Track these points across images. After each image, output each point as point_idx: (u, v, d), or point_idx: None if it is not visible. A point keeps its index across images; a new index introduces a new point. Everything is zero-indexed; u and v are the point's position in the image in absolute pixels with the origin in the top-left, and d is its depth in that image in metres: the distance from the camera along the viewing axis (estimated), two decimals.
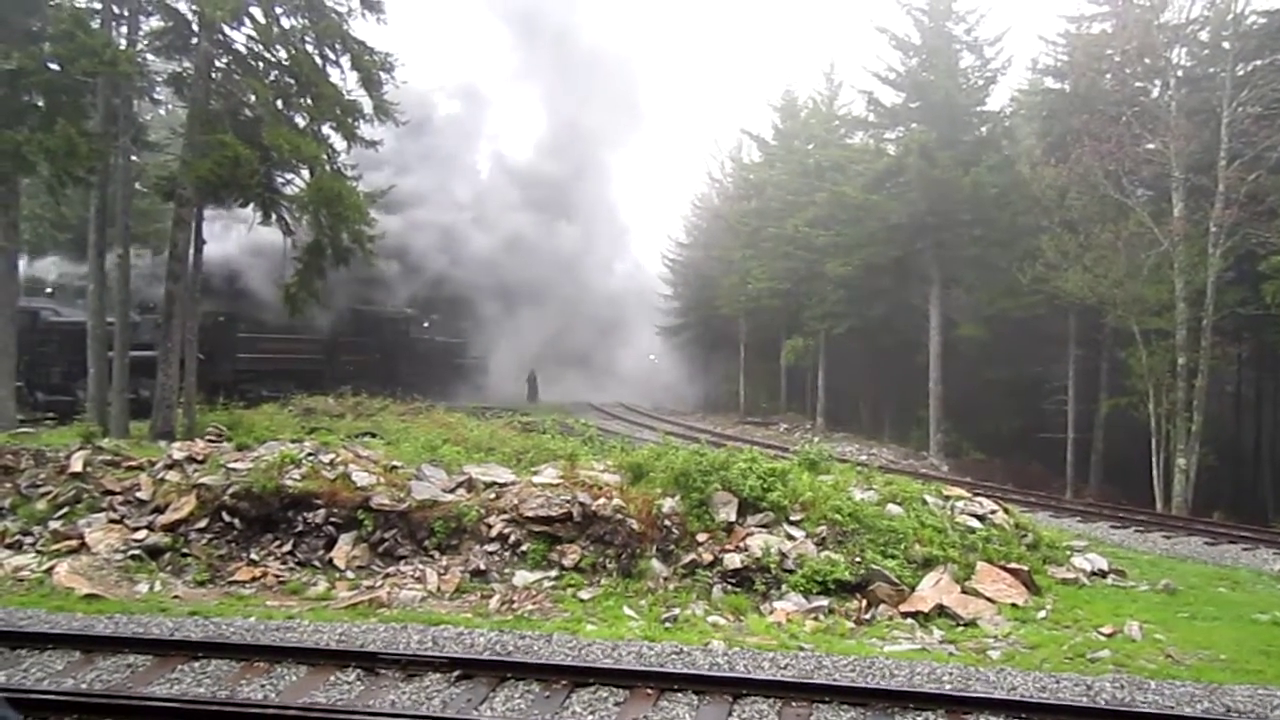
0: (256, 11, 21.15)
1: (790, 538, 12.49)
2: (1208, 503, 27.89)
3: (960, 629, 10.83)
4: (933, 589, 11.61)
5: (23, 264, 26.92)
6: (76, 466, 14.12)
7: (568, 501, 12.61)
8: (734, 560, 11.97)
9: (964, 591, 11.75)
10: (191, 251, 22.21)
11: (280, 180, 23.46)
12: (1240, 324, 30.35)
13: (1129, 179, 29.13)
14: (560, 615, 10.71)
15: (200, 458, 14.34)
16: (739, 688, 8.04)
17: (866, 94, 38.91)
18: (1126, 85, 30.77)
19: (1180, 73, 29.72)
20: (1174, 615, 11.68)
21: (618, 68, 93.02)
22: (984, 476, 29.82)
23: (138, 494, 13.63)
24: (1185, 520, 22.10)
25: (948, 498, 14.97)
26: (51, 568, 11.84)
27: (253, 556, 12.49)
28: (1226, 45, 27.88)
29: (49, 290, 32.35)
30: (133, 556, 12.30)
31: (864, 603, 11.52)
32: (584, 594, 11.46)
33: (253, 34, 21.57)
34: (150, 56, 22.81)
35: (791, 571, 11.78)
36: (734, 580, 11.83)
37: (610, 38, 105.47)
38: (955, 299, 38.14)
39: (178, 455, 14.43)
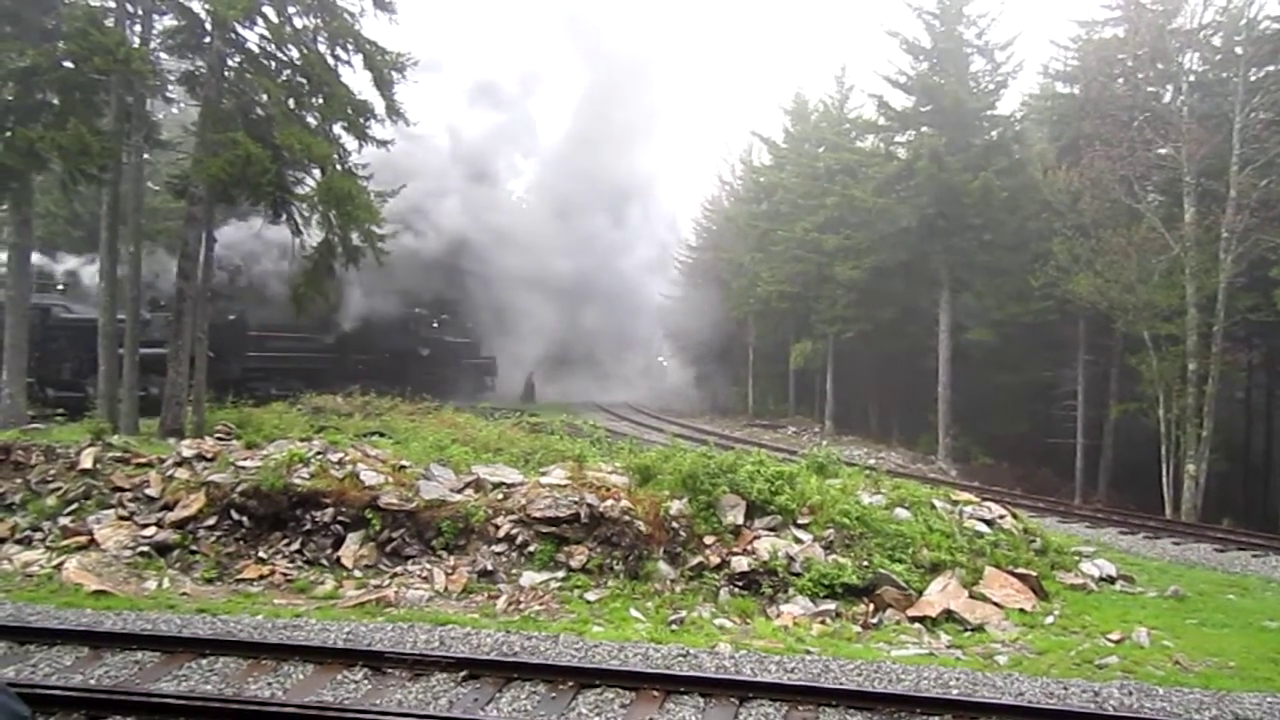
0: (269, 11, 21.21)
1: (798, 541, 12.47)
2: (1217, 509, 27.80)
3: (968, 634, 10.80)
4: (940, 594, 11.59)
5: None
6: (86, 463, 14.17)
7: (575, 503, 12.61)
8: (741, 563, 11.96)
9: (971, 596, 11.73)
10: (202, 250, 22.28)
11: (291, 179, 23.52)
12: (1251, 330, 30.28)
13: (1140, 184, 29.06)
14: (567, 616, 10.71)
15: (209, 455, 14.38)
16: (745, 691, 8.04)
17: (877, 97, 38.82)
18: (1138, 90, 30.70)
19: (1192, 78, 29.65)
20: (1183, 622, 11.64)
21: (639, 70, 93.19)
22: (992, 481, 29.77)
23: (147, 491, 13.67)
24: (1194, 527, 22.02)
25: (956, 502, 14.94)
26: (61, 564, 11.89)
27: (261, 554, 12.53)
28: (1239, 50, 27.81)
29: (60, 287, 32.51)
30: (141, 553, 12.35)
31: (871, 607, 11.50)
32: (591, 595, 11.46)
33: (265, 33, 21.63)
34: (163, 55, 22.92)
35: (799, 575, 11.77)
36: (741, 583, 11.82)
37: (628, 40, 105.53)
38: (965, 303, 38.05)
39: (187, 453, 14.48)
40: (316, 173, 22.32)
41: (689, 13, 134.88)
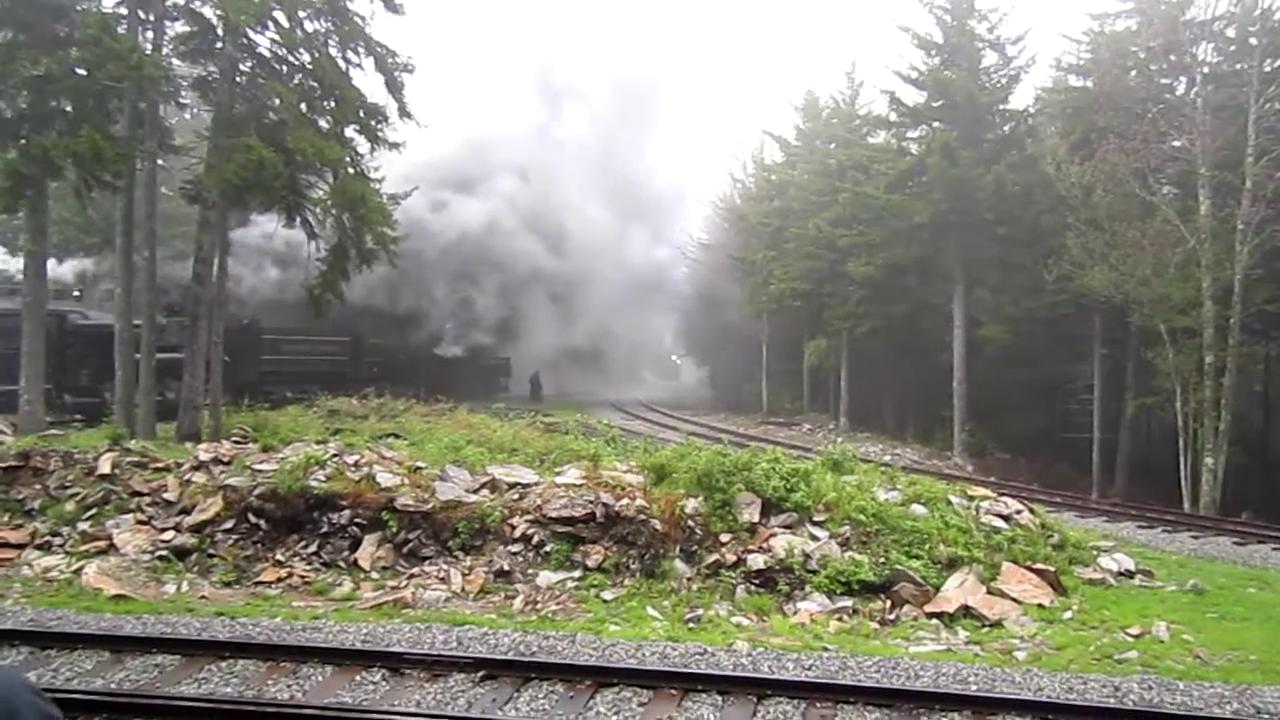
0: (280, 16, 21.30)
1: (814, 538, 12.44)
2: (1236, 502, 27.57)
3: (986, 630, 10.77)
4: (958, 589, 11.55)
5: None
6: (104, 468, 14.24)
7: (591, 502, 12.62)
8: (757, 561, 11.94)
9: (989, 592, 11.68)
10: (216, 254, 22.38)
11: (304, 183, 23.63)
12: (1268, 322, 30.07)
13: (1155, 176, 28.88)
14: (584, 616, 10.71)
15: (226, 459, 14.44)
16: (763, 688, 8.03)
17: (888, 93, 38.69)
18: (1152, 82, 30.53)
19: (1206, 69, 29.45)
20: (1202, 616, 11.57)
21: (644, 64, 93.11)
22: (1009, 476, 29.64)
23: (165, 495, 13.74)
24: (1213, 520, 21.87)
25: (972, 498, 14.88)
26: (80, 568, 11.95)
27: (278, 557, 12.57)
28: (1253, 41, 27.62)
29: (76, 293, 32.69)
30: (160, 557, 12.40)
31: (888, 603, 11.47)
32: (607, 594, 11.46)
33: (276, 38, 21.74)
34: (176, 61, 23.04)
35: (815, 572, 11.73)
36: (758, 581, 11.80)
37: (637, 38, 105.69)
38: (979, 298, 37.89)
39: (204, 456, 14.55)
40: (329, 176, 22.42)
41: (700, 10, 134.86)
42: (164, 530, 13.01)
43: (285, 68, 22.20)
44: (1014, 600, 11.58)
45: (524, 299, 53.74)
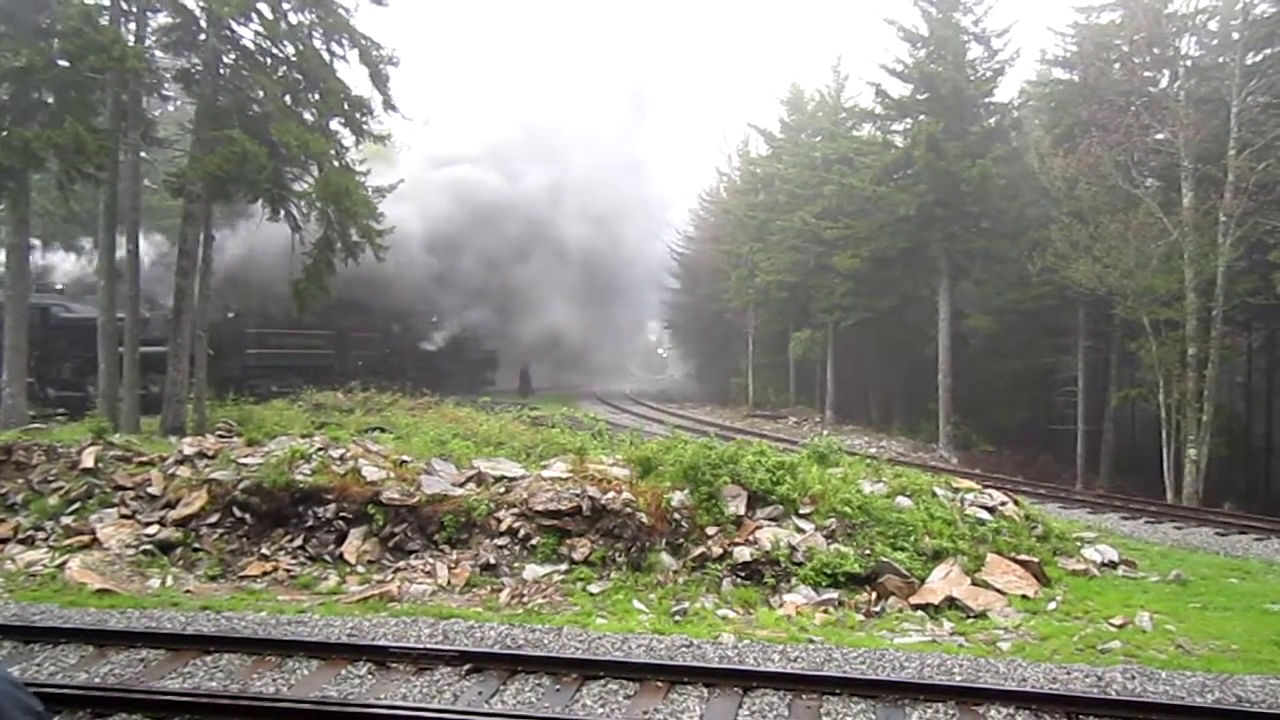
0: (264, 7, 21.19)
1: (800, 530, 12.48)
2: (1218, 493, 27.80)
3: (970, 621, 10.82)
4: (943, 581, 11.60)
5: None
6: (88, 462, 14.17)
7: (577, 495, 12.62)
8: (743, 553, 11.97)
9: (974, 583, 11.74)
10: (200, 247, 22.26)
11: (289, 175, 23.50)
12: (1251, 314, 30.25)
13: (1138, 169, 29.00)
14: (570, 609, 10.72)
15: (211, 453, 14.40)
16: (749, 680, 8.04)
17: (874, 86, 38.77)
18: (1135, 75, 30.64)
19: (1189, 62, 29.58)
20: (1185, 606, 11.65)
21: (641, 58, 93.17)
22: (993, 468, 29.76)
23: (149, 489, 13.68)
24: (1196, 511, 22.02)
25: (957, 490, 14.95)
26: (64, 563, 11.90)
27: (264, 551, 12.54)
28: (1235, 34, 27.74)
29: (59, 286, 32.47)
30: (144, 551, 12.36)
31: (874, 595, 11.51)
32: (594, 588, 11.47)
33: (260, 29, 21.62)
34: (159, 53, 22.87)
35: (801, 564, 11.77)
36: (743, 573, 11.83)
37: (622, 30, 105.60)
38: (964, 291, 38.01)
39: (188, 450, 14.49)
40: (314, 168, 22.32)
41: (685, 4, 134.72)
42: (148, 524, 12.96)
43: (269, 60, 22.07)
44: (998, 591, 11.65)
45: (515, 291, 53.73)
